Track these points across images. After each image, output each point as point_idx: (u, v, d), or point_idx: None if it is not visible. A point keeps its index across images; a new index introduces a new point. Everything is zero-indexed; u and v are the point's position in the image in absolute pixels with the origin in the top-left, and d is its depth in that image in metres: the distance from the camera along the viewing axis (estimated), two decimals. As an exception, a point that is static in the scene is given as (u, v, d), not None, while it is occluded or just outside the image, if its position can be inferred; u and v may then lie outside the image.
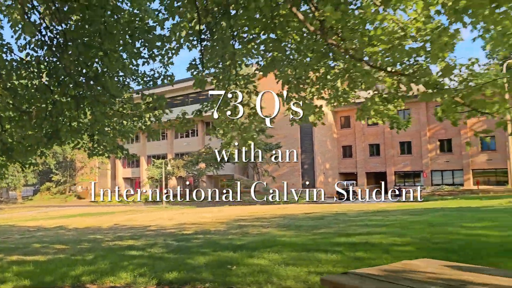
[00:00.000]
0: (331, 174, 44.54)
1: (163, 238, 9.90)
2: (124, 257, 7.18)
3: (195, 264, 6.10)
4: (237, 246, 7.44)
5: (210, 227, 12.18)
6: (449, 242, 6.44)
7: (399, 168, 42.12)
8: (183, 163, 45.27)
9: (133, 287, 5.10)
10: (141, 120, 6.55)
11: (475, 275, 1.78)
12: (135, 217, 20.24)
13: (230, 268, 5.66)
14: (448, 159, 39.26)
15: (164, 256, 7.01)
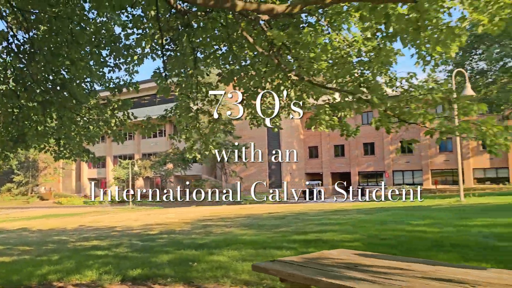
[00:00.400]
0: (298, 174, 45.47)
1: (128, 238, 10.15)
2: (90, 256, 7.43)
3: (158, 262, 6.46)
4: (199, 245, 7.84)
5: (176, 227, 12.49)
6: (393, 238, 7.08)
7: (363, 169, 43.52)
8: (150, 164, 45.04)
9: (98, 283, 5.42)
10: (107, 124, 6.84)
11: (371, 260, 2.28)
12: (101, 218, 20.20)
13: (191, 265, 6.05)
14: (409, 159, 40.92)
15: (129, 255, 7.31)
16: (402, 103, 4.49)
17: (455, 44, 5.10)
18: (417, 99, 4.49)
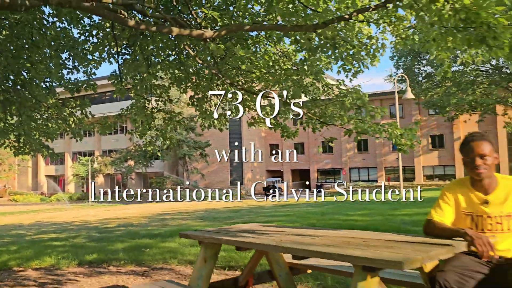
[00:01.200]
0: (259, 171, 46.47)
1: (86, 231, 10.60)
2: (48, 246, 7.89)
3: (113, 249, 7.04)
4: (153, 235, 8.46)
5: (134, 221, 12.98)
6: (327, 226, 7.98)
7: (321, 166, 45.08)
8: (111, 160, 44.64)
9: (57, 267, 5.96)
10: (65, 122, 7.32)
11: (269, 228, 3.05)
12: (59, 214, 20.23)
13: (144, 250, 6.69)
14: (364, 157, 42.82)
15: (86, 245, 7.84)
16: (321, 108, 5.32)
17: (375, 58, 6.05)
18: (333, 104, 5.34)
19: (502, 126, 32.48)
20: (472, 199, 2.35)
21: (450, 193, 2.43)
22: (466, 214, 2.36)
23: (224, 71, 5.15)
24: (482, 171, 2.29)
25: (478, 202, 2.33)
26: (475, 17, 3.37)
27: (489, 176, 2.32)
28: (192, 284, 2.74)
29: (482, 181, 2.32)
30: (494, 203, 2.30)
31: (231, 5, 5.82)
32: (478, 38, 3.51)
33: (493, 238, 2.23)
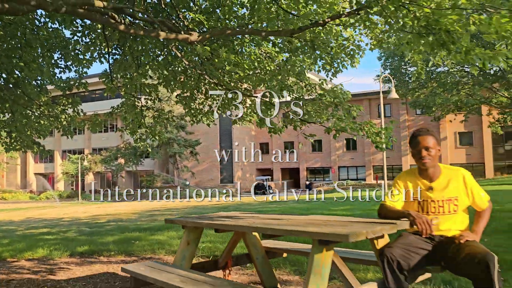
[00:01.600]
0: (249, 169, 46.76)
1: (77, 226, 10.83)
2: (39, 240, 8.13)
3: (104, 241, 7.32)
4: (143, 229, 8.73)
5: (123, 217, 13.22)
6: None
7: (311, 164, 45.53)
8: (101, 158, 44.60)
9: (49, 257, 6.23)
10: (57, 120, 7.57)
11: (243, 214, 3.39)
12: (49, 211, 20.34)
13: (133, 242, 6.97)
14: (353, 156, 43.35)
15: (77, 238, 8.08)
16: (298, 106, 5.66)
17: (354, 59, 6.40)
18: (313, 103, 5.68)
19: (487, 126, 33.21)
20: (419, 186, 2.70)
21: (401, 181, 2.78)
22: (414, 199, 2.71)
23: (210, 71, 5.45)
24: (427, 161, 2.64)
25: (424, 189, 2.68)
26: (435, 24, 3.72)
27: (433, 166, 2.67)
28: (176, 263, 3.05)
29: (427, 170, 2.67)
30: (437, 189, 2.65)
31: (217, 8, 6.13)
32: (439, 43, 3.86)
33: (436, 219, 2.58)
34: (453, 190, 2.63)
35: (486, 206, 2.69)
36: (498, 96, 28.35)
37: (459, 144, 39.05)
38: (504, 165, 37.81)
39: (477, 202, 2.66)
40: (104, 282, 4.48)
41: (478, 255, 2.28)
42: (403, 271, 2.40)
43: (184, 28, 5.49)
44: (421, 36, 3.95)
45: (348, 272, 2.52)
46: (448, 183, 2.64)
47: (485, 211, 2.70)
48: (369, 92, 41.67)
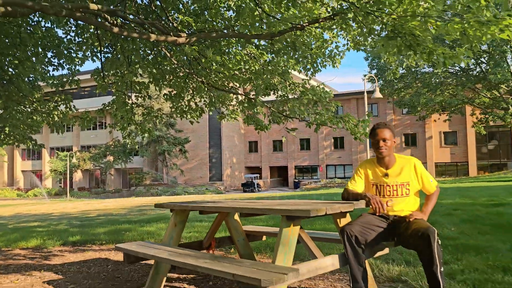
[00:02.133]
0: (238, 167, 47.07)
1: (67, 220, 11.09)
2: (32, 232, 8.40)
3: (95, 232, 7.63)
4: (133, 221, 9.06)
5: (113, 211, 13.49)
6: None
7: (299, 163, 46.02)
8: (89, 156, 44.55)
9: (43, 246, 6.53)
10: (49, 116, 7.84)
11: (227, 200, 3.75)
12: (38, 207, 20.46)
13: (123, 233, 7.29)
14: (340, 155, 43.94)
15: (69, 230, 8.37)
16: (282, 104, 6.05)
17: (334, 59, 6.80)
18: (293, 100, 6.08)
19: (471, 126, 34.03)
20: (377, 173, 3.10)
21: (362, 169, 3.17)
22: (372, 184, 3.10)
23: (197, 70, 5.81)
24: (383, 150, 3.04)
25: (381, 175, 3.08)
26: (401, 28, 4.12)
27: (388, 155, 3.07)
28: (164, 242, 3.41)
29: (383, 158, 3.07)
30: (392, 175, 3.05)
31: (205, 10, 6.48)
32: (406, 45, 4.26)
33: (390, 201, 2.98)
34: (406, 176, 3.03)
35: (434, 190, 3.09)
36: (481, 97, 29.13)
37: (444, 143, 39.85)
38: (487, 164, 38.72)
39: (426, 186, 3.07)
40: (97, 266, 4.82)
41: (422, 229, 2.69)
42: (360, 245, 2.79)
43: (174, 29, 5.84)
44: (390, 39, 4.35)
45: (313, 246, 2.90)
46: (401, 170, 3.05)
47: (433, 195, 3.11)
48: (357, 91, 42.29)
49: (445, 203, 8.82)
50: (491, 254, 4.00)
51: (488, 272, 3.42)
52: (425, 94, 27.05)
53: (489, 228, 5.54)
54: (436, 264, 2.61)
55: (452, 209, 7.55)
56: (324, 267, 2.66)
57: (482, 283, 3.16)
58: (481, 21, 3.45)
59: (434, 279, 2.63)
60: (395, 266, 3.80)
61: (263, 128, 7.60)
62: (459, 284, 3.17)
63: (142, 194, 37.93)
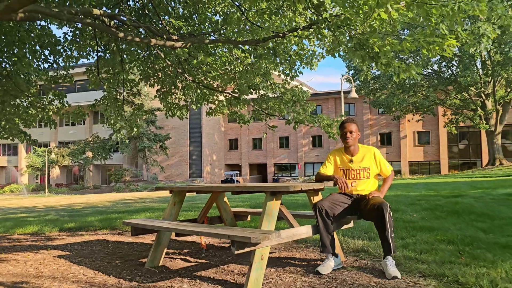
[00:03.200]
0: (218, 165, 47.55)
1: (55, 211, 11.46)
2: (24, 221, 8.79)
3: (87, 220, 8.10)
4: (121, 212, 9.55)
5: (98, 204, 13.88)
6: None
7: (278, 160, 46.82)
8: (68, 152, 44.24)
9: (40, 232, 6.99)
10: (44, 110, 8.27)
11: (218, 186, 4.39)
12: (19, 201, 20.55)
13: (114, 220, 7.80)
14: (318, 153, 44.95)
15: (60, 219, 8.80)
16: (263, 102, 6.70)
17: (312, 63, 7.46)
18: (274, 99, 6.73)
19: (443, 126, 35.48)
20: (344, 159, 3.77)
21: (331, 156, 3.84)
22: (340, 168, 3.78)
23: (188, 70, 6.39)
24: (349, 141, 3.71)
25: (347, 161, 3.76)
26: (365, 42, 4.82)
27: (353, 145, 3.74)
28: (165, 218, 4.01)
29: (349, 148, 3.75)
30: (355, 161, 3.73)
31: (193, 14, 7.07)
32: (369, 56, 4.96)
33: (354, 182, 3.66)
34: (367, 162, 3.72)
35: (389, 173, 3.79)
36: (452, 98, 30.50)
37: (417, 142, 41.30)
38: (458, 163, 40.37)
39: (383, 171, 3.76)
40: (98, 245, 5.36)
41: (377, 203, 3.37)
42: (329, 217, 3.45)
43: (165, 31, 6.40)
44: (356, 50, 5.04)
45: (291, 218, 3.56)
46: (363, 157, 3.73)
47: (388, 177, 3.80)
48: (335, 91, 43.33)
49: (411, 195, 9.65)
50: (441, 232, 4.74)
51: (434, 243, 4.15)
52: (399, 95, 28.18)
53: (445, 214, 6.31)
54: (388, 231, 3.30)
55: (417, 200, 8.35)
56: (300, 234, 3.31)
57: (428, 250, 3.88)
58: (428, 41, 4.17)
59: (386, 242, 3.32)
60: (360, 240, 4.50)
61: (245, 122, 8.23)
62: (410, 252, 3.87)
63: (122, 190, 38.00)
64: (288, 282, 3.19)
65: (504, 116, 29.11)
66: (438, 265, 3.36)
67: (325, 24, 4.90)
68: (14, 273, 3.90)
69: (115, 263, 4.16)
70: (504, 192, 8.83)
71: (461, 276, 3.00)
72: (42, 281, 3.52)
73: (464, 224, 5.25)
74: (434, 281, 3.02)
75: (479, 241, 4.09)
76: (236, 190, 3.50)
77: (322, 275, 3.36)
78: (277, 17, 5.79)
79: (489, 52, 25.26)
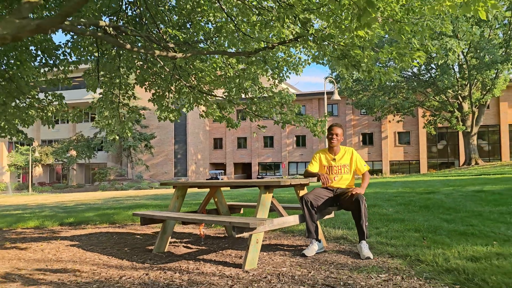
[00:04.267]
0: (202, 164, 47.94)
1: (49, 208, 11.82)
2: (22, 217, 9.17)
3: (85, 216, 8.55)
4: (116, 207, 10.01)
5: (89, 201, 14.25)
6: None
7: (263, 160, 47.48)
8: (52, 150, 44.01)
9: (43, 226, 7.42)
10: (43, 111, 8.68)
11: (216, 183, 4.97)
12: (7, 199, 20.66)
13: (112, 215, 8.28)
14: (302, 152, 45.77)
15: (57, 215, 9.22)
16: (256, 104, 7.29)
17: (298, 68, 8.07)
18: (264, 102, 7.33)
19: (422, 126, 36.67)
20: (327, 158, 4.39)
21: (317, 155, 4.45)
22: (324, 165, 4.39)
23: (183, 75, 6.94)
24: (334, 142, 4.32)
25: (330, 159, 4.37)
26: (347, 53, 5.44)
27: (337, 146, 4.36)
28: (169, 210, 4.56)
29: (333, 148, 4.36)
30: (337, 160, 4.34)
31: (188, 22, 7.61)
32: (352, 64, 5.58)
33: (336, 177, 4.28)
34: (346, 160, 4.34)
35: (364, 171, 4.42)
36: (431, 100, 31.63)
37: (398, 142, 42.49)
38: (437, 162, 41.71)
39: (359, 167, 4.38)
40: (104, 236, 5.86)
41: (355, 195, 3.99)
42: (314, 208, 4.05)
43: (162, 40, 6.92)
44: (339, 59, 5.66)
45: (281, 209, 4.15)
46: (343, 156, 4.35)
47: (365, 174, 4.42)
48: (319, 92, 44.20)
49: (389, 192, 10.38)
50: (410, 222, 5.41)
51: (404, 231, 4.80)
52: (381, 96, 29.13)
53: (417, 208, 7.00)
54: (363, 219, 3.92)
55: (393, 196, 9.06)
56: (288, 222, 3.91)
57: (397, 236, 4.52)
58: (401, 53, 4.83)
59: (361, 229, 3.94)
60: (340, 230, 5.13)
61: (234, 126, 8.78)
62: (382, 238, 4.51)
63: (106, 189, 38.08)
64: (278, 262, 3.78)
65: (480, 118, 30.35)
66: (404, 248, 3.99)
67: (311, 38, 5.52)
68: (36, 259, 4.39)
69: (125, 250, 4.69)
70: (473, 189, 9.61)
71: (421, 255, 3.63)
72: (65, 264, 4.04)
73: (432, 216, 5.94)
74: (400, 260, 3.65)
75: (441, 229, 4.76)
76: (234, 185, 4.07)
77: (307, 257, 3.96)
78: (267, 30, 6.37)
79: (465, 56, 26.40)
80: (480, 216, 5.73)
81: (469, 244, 3.91)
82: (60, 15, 3.68)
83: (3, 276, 3.64)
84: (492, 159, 38.01)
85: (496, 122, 39.01)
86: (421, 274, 3.18)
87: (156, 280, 3.29)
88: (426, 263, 3.44)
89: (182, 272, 3.51)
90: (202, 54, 5.66)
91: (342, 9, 4.44)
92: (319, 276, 3.25)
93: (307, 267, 3.56)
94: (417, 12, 4.89)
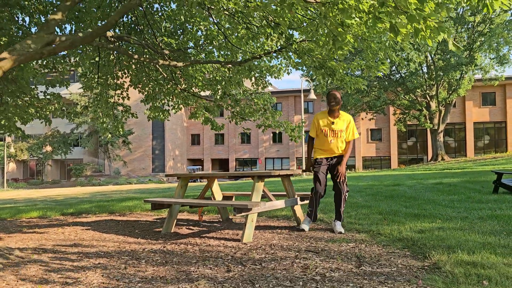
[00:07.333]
0: (180, 159, 48.40)
1: (40, 201, 12.34)
2: (22, 209, 9.73)
3: (83, 207, 9.23)
4: (109, 200, 10.69)
5: (77, 196, 14.79)
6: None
7: (240, 156, 48.34)
8: (27, 146, 43.56)
9: (46, 216, 8.08)
10: (42, 110, 9.29)
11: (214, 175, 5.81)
12: (-12, 195, 20.77)
13: (109, 206, 8.99)
14: (279, 148, 46.88)
15: (55, 207, 9.84)
16: (241, 107, 8.17)
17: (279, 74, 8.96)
18: (249, 106, 8.21)
19: (393, 124, 38.34)
20: (327, 121, 5.13)
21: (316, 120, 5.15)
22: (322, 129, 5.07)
23: (175, 79, 7.76)
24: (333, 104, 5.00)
25: (329, 123, 5.15)
26: (324, 63, 6.38)
27: (337, 109, 5.11)
28: (175, 197, 5.39)
29: (334, 112, 5.07)
30: (336, 123, 5.09)
31: (179, 29, 8.39)
32: (327, 74, 6.52)
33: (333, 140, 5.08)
34: (343, 125, 5.11)
35: (350, 139, 5.11)
36: (401, 99, 33.22)
37: (370, 139, 44.16)
38: (407, 158, 43.63)
39: (349, 135, 5.16)
40: (110, 223, 6.62)
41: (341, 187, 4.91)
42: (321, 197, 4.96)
43: (158, 47, 7.70)
44: (317, 69, 6.59)
45: (271, 195, 5.06)
46: (341, 120, 5.11)
47: (349, 142, 5.14)
48: (295, 89, 45.33)
49: (360, 184, 11.46)
50: (375, 208, 6.42)
51: (369, 214, 5.79)
52: (354, 95, 30.46)
53: (383, 197, 8.04)
54: (342, 206, 4.88)
55: (363, 188, 10.12)
56: (277, 205, 4.83)
57: (363, 218, 5.50)
58: (368, 65, 5.81)
59: (338, 213, 4.91)
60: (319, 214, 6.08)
61: (218, 128, 9.55)
62: (351, 219, 5.48)
63: (84, 184, 38.13)
64: (269, 237, 4.69)
65: (446, 116, 32.15)
66: (369, 225, 4.97)
67: (292, 51, 6.43)
68: (61, 239, 5.15)
69: (136, 232, 5.50)
70: (433, 182, 10.79)
71: (381, 230, 4.61)
72: (89, 242, 4.82)
73: (394, 203, 6.98)
74: (364, 234, 4.62)
75: (399, 213, 5.78)
76: (231, 176, 4.95)
77: (299, 231, 4.89)
78: (253, 42, 7.25)
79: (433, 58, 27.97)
80: (433, 203, 6.80)
81: (419, 222, 4.92)
82: (91, 35, 4.45)
83: (39, 249, 4.40)
84: (458, 155, 40.16)
85: (462, 120, 41.16)
86: (380, 243, 4.15)
87: (173, 250, 4.14)
88: (385, 235, 4.42)
89: (192, 245, 4.38)
90: (199, 63, 6.48)
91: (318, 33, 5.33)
92: (302, 245, 4.18)
93: (292, 240, 4.49)
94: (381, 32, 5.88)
